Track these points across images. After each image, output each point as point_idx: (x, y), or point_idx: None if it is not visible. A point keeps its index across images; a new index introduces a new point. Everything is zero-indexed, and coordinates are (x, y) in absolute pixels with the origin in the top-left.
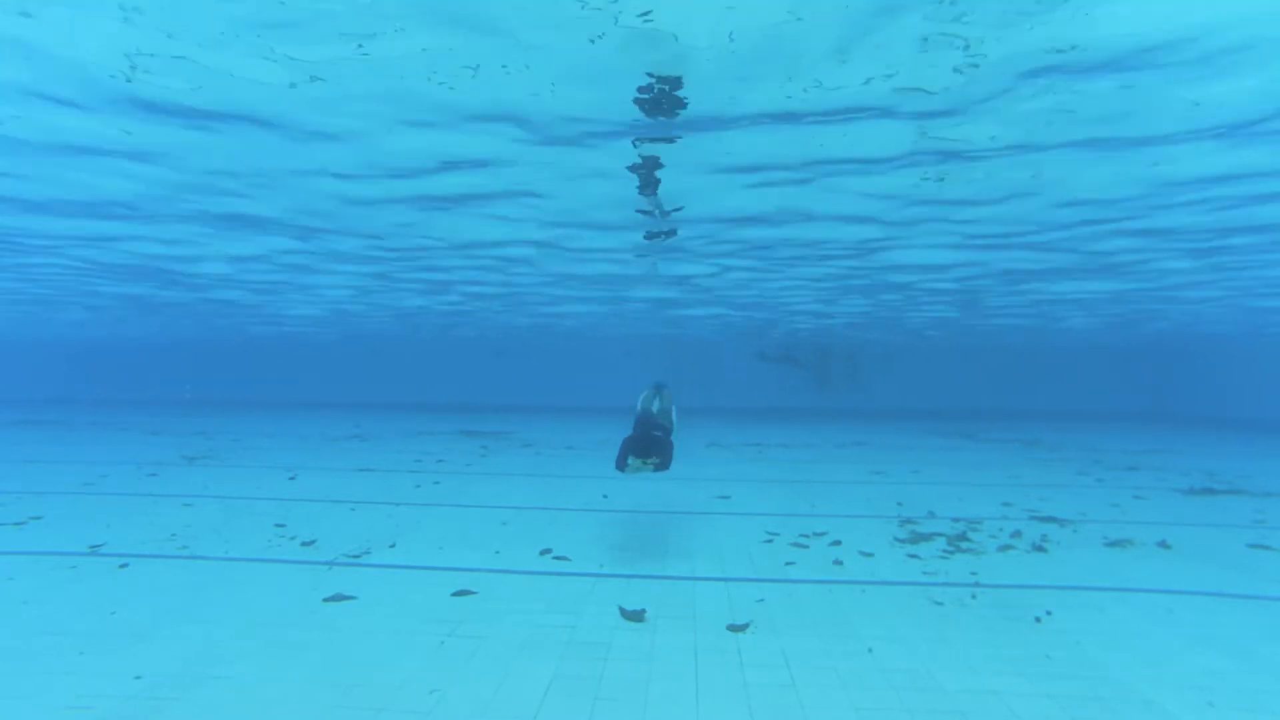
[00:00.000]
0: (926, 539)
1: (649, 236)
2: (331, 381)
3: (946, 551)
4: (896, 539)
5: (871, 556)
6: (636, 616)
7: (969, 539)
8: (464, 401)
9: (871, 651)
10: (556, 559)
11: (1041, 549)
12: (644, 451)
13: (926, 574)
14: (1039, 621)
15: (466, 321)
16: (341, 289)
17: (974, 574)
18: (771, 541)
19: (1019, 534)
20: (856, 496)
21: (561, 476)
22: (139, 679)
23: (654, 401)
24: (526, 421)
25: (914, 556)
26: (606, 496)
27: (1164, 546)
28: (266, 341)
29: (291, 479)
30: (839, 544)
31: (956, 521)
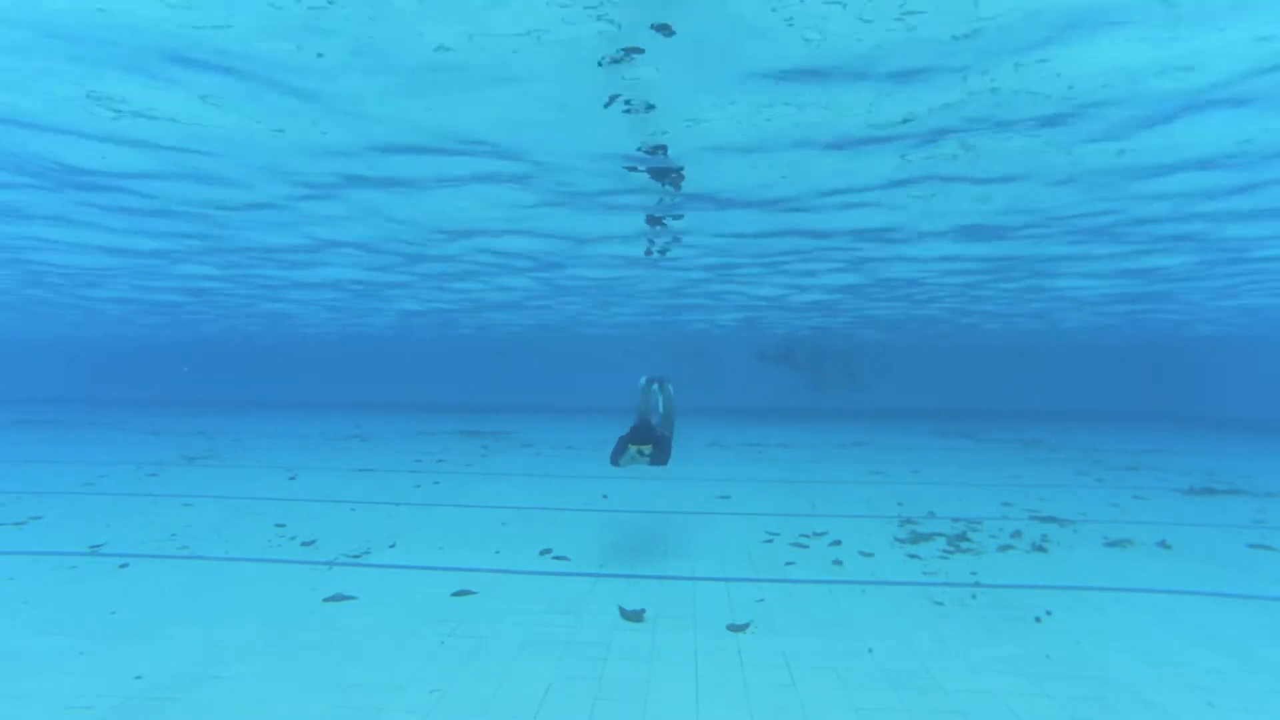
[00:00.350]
0: (926, 539)
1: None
2: (331, 381)
3: (946, 551)
4: (896, 539)
5: (871, 556)
6: (636, 616)
7: (969, 539)
8: (464, 401)
9: (871, 651)
10: (556, 559)
11: (1041, 549)
12: (639, 440)
13: (926, 574)
14: (1039, 621)
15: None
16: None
17: (974, 574)
18: (771, 541)
19: (1019, 534)
20: (856, 496)
21: (562, 476)
22: (139, 679)
23: (653, 396)
24: (527, 421)
25: (914, 556)
26: (606, 496)
27: (1164, 546)
28: (267, 341)
29: (292, 479)
30: (839, 544)
31: (956, 521)
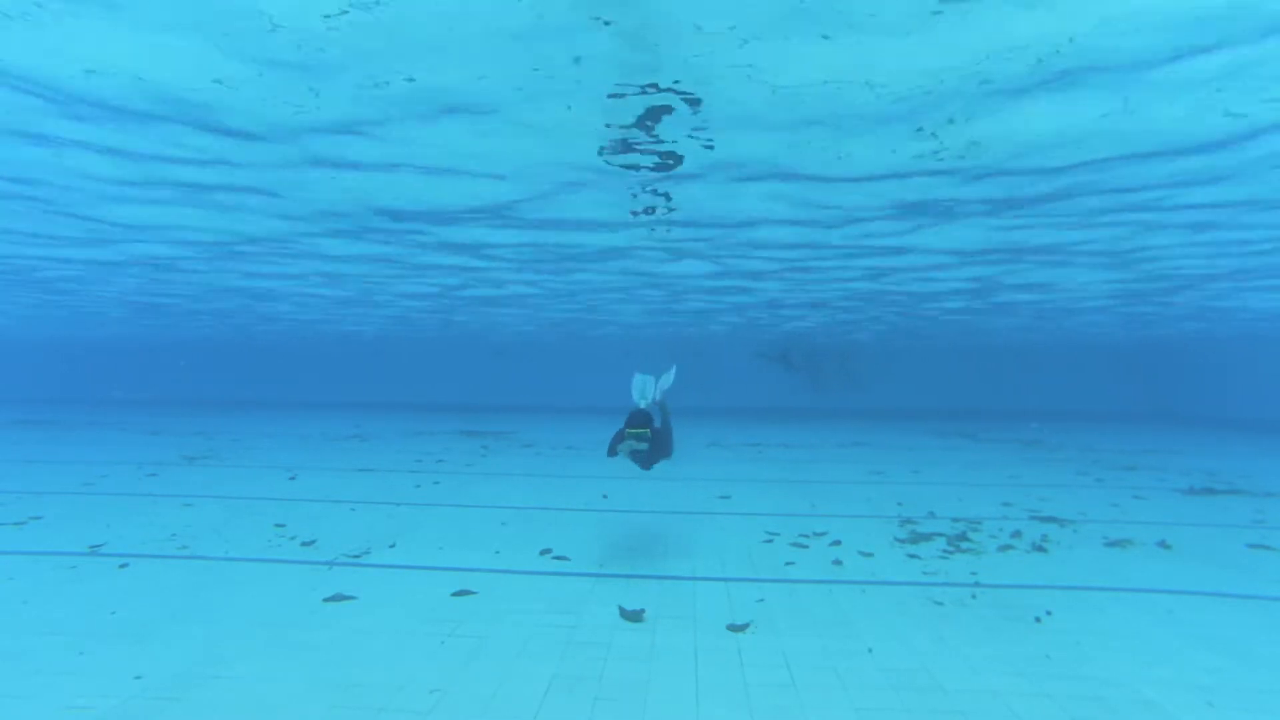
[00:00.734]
0: (926, 539)
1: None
2: (331, 382)
3: (946, 551)
4: (896, 539)
5: (871, 556)
6: (636, 616)
7: (969, 539)
8: (464, 401)
9: (871, 651)
10: (556, 559)
11: (1041, 549)
12: (635, 425)
13: (926, 574)
14: (1039, 621)
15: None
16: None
17: (974, 574)
18: (771, 541)
19: (1019, 534)
20: (856, 496)
21: (561, 476)
22: (139, 679)
23: (650, 390)
24: (527, 421)
25: (914, 556)
26: (606, 496)
27: (1164, 546)
28: (267, 341)
29: (291, 479)
30: (839, 544)
31: (956, 521)
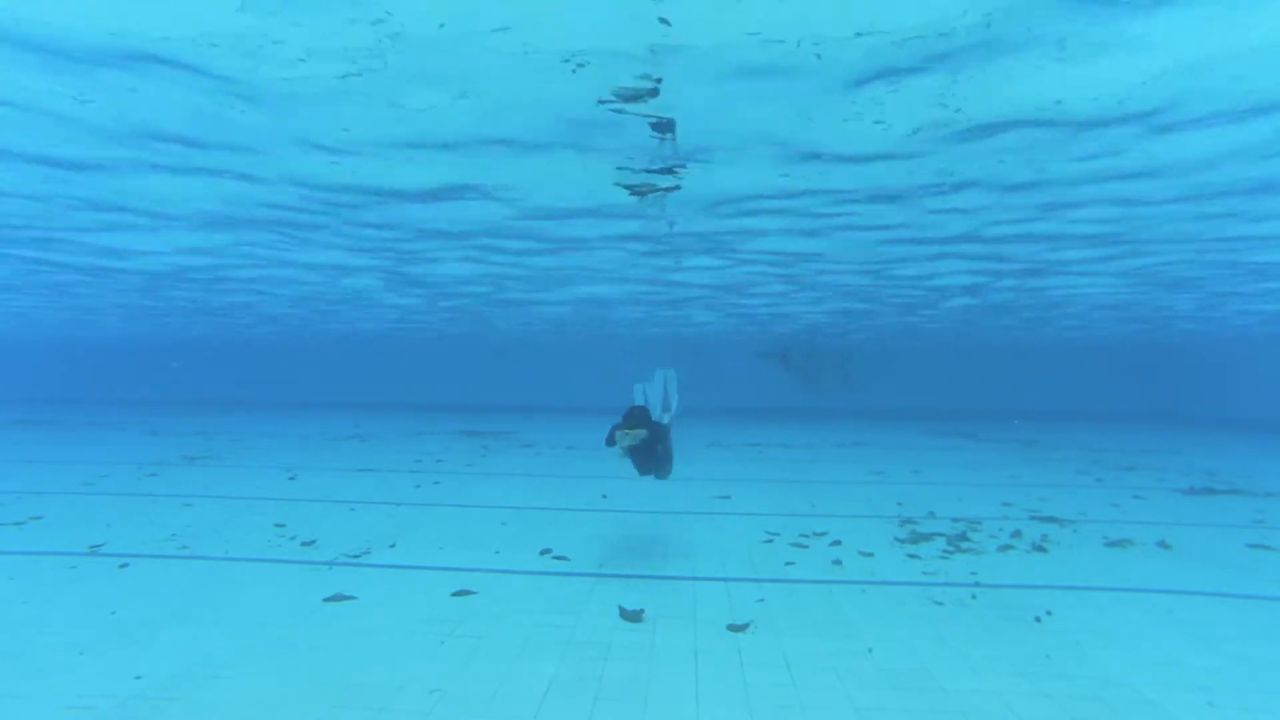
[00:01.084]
0: (926, 539)
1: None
2: (331, 382)
3: (946, 551)
4: (896, 539)
5: (871, 556)
6: (636, 616)
7: (969, 539)
8: (464, 401)
9: (871, 651)
10: (556, 559)
11: (1041, 549)
12: (629, 419)
13: (926, 574)
14: (1039, 621)
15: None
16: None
17: (974, 574)
18: (771, 541)
19: (1019, 534)
20: (856, 496)
21: (561, 476)
22: (139, 679)
23: (649, 394)
24: (527, 421)
25: (914, 556)
26: (606, 496)
27: (1164, 546)
28: (266, 341)
29: (291, 479)
30: (839, 544)
31: (956, 521)
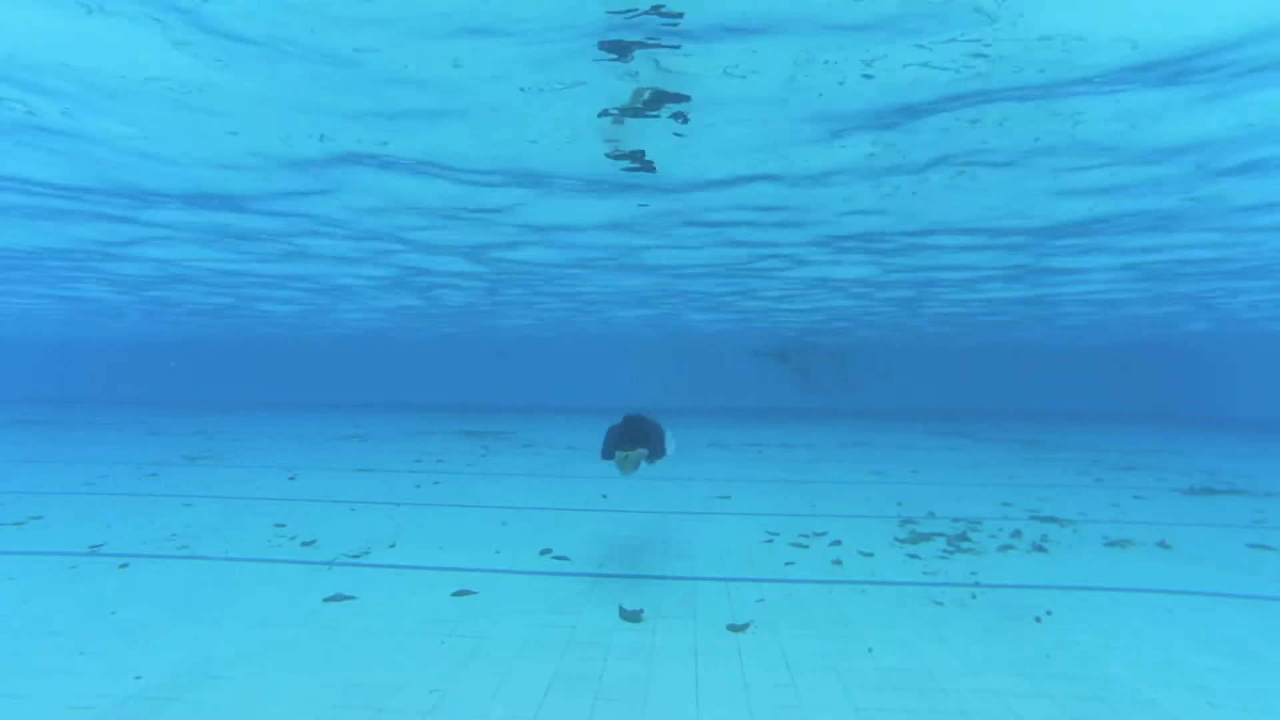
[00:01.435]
0: (926, 539)
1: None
2: (331, 382)
3: (946, 551)
4: (896, 539)
5: (871, 556)
6: (636, 616)
7: (969, 539)
8: (464, 401)
9: (871, 651)
10: (556, 559)
11: (1041, 549)
12: (630, 437)
13: (926, 574)
14: (1039, 621)
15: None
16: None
17: (974, 574)
18: (771, 541)
19: (1019, 534)
20: (856, 496)
21: (561, 476)
22: (139, 679)
23: (632, 437)
24: (527, 421)
25: (914, 556)
26: (606, 496)
27: (1164, 546)
28: (266, 341)
29: (291, 479)
30: (839, 544)
31: (956, 521)
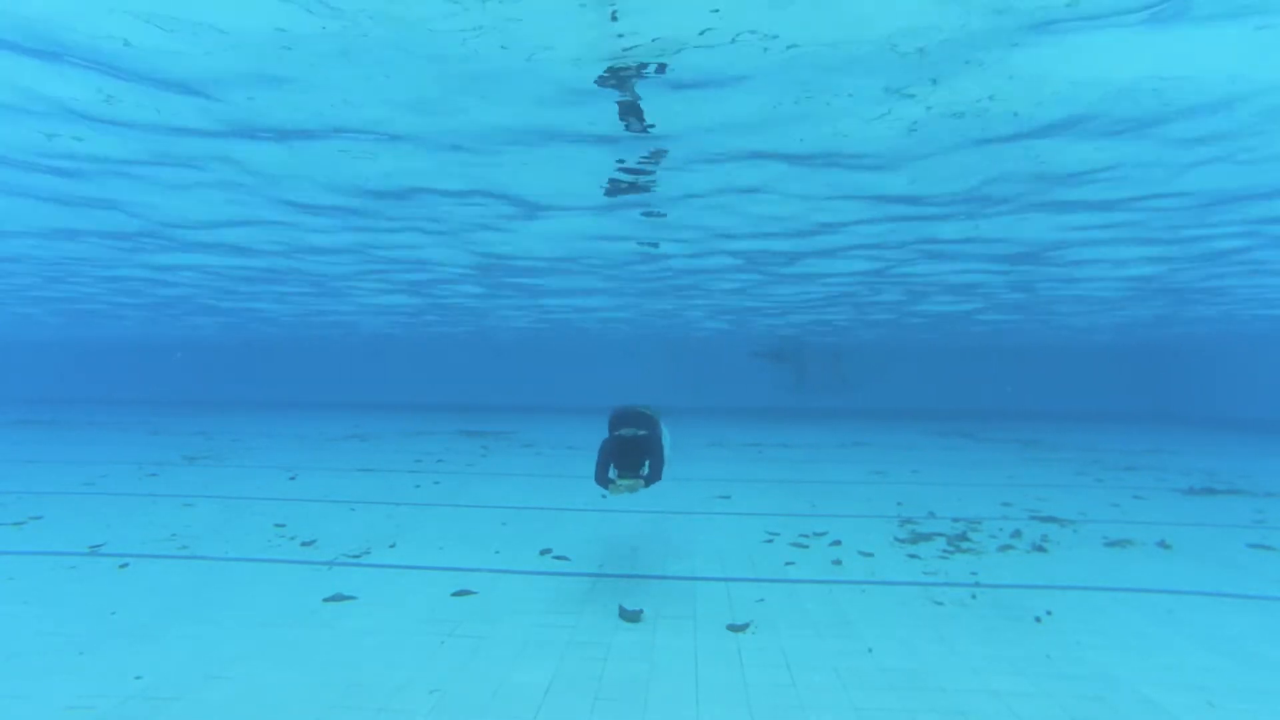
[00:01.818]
0: (926, 539)
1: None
2: (331, 382)
3: (946, 551)
4: (896, 539)
5: (871, 556)
6: (636, 616)
7: (969, 539)
8: (464, 401)
9: (871, 651)
10: (556, 559)
11: (1041, 549)
12: (628, 457)
13: (927, 574)
14: (1039, 621)
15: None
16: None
17: (974, 574)
18: (771, 541)
19: (1019, 534)
20: (856, 496)
21: (561, 476)
22: (139, 679)
23: (630, 424)
24: (527, 421)
25: (914, 556)
26: (606, 496)
27: (1164, 546)
28: (266, 341)
29: (291, 479)
30: (839, 544)
31: (956, 521)
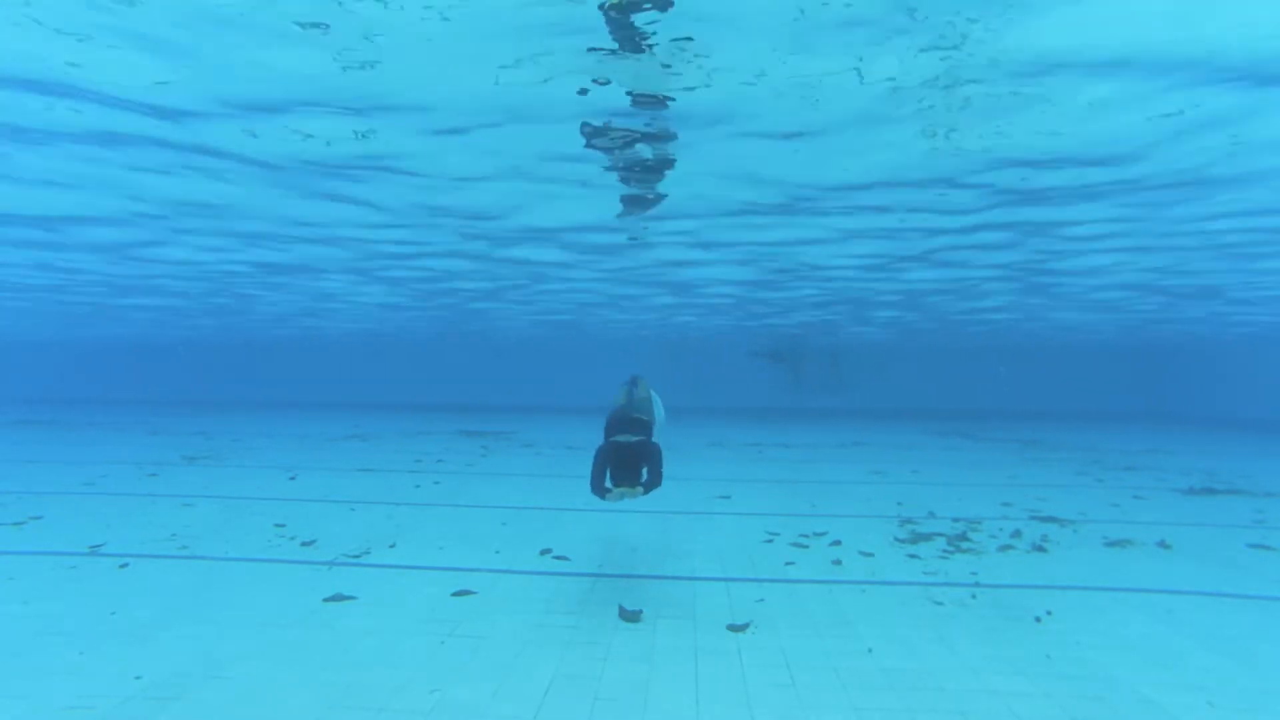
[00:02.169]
0: (926, 539)
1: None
2: (331, 382)
3: (946, 551)
4: (896, 539)
5: (871, 556)
6: (636, 616)
7: (969, 539)
8: (464, 401)
9: (871, 651)
10: (556, 559)
11: (1041, 549)
12: (625, 466)
13: (927, 574)
14: (1039, 621)
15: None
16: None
17: (974, 574)
18: (771, 541)
19: (1019, 534)
20: (856, 496)
21: (561, 476)
22: (139, 679)
23: (628, 397)
24: (527, 421)
25: (914, 556)
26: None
27: (1164, 546)
28: (266, 341)
29: (291, 479)
30: (839, 544)
31: (956, 521)
